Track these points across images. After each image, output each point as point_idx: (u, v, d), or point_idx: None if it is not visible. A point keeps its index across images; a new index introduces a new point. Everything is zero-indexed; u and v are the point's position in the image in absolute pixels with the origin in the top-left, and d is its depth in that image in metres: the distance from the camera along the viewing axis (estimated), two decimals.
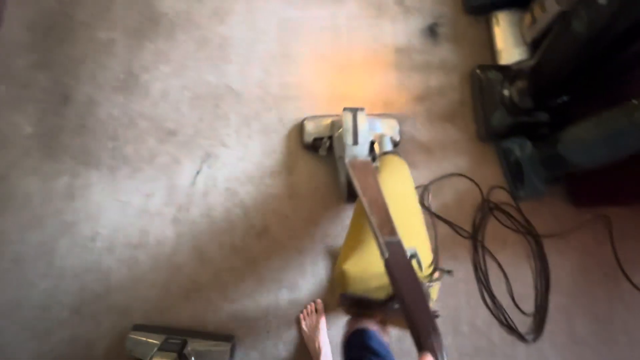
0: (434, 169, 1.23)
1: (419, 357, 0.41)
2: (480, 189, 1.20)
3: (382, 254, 0.54)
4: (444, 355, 0.42)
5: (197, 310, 1.14)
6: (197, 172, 1.24)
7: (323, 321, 1.09)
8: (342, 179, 1.09)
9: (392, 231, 0.57)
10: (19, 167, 1.24)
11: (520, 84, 1.14)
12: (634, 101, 0.79)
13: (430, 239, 0.78)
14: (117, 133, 1.28)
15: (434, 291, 0.62)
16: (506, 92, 1.17)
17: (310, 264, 1.17)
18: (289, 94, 1.30)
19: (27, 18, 1.38)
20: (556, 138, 1.01)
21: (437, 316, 0.51)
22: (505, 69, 1.22)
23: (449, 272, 0.54)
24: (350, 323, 0.72)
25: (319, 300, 1.13)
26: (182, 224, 1.20)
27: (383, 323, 0.70)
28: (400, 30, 1.36)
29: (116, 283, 1.16)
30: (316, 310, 1.11)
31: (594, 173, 1.01)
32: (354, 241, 0.69)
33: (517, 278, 1.14)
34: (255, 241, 1.18)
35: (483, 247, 1.16)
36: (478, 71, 1.25)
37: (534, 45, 1.23)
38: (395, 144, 1.21)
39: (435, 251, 0.64)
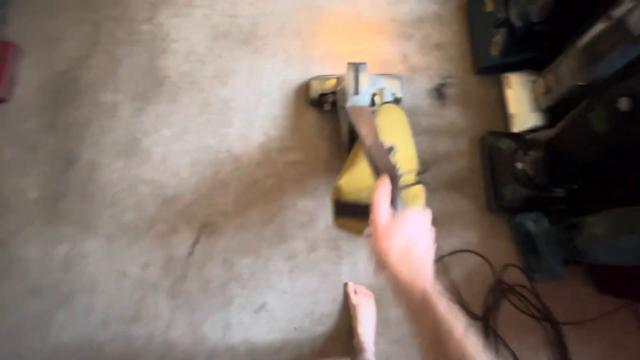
0: (441, 243, 1.15)
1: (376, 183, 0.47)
2: (492, 268, 1.12)
3: (364, 148, 0.60)
4: (397, 178, 0.48)
5: None
6: (195, 242, 1.21)
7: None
8: (344, 130, 1.14)
9: (376, 136, 0.64)
10: (20, 234, 1.25)
11: (535, 155, 1.06)
12: None
13: None
14: (116, 199, 1.27)
15: (419, 195, 0.81)
16: (519, 165, 1.10)
17: (308, 342, 1.11)
18: (290, 159, 1.26)
19: (37, 81, 1.41)
20: (574, 226, 0.92)
21: (426, 170, 0.65)
22: (518, 137, 1.15)
23: (424, 171, 0.63)
24: None
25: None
26: (177, 298, 1.17)
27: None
28: (406, 91, 1.30)
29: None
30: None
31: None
32: (350, 162, 0.83)
33: None
34: (253, 320, 1.13)
35: (495, 333, 1.07)
36: (489, 138, 1.18)
37: (549, 112, 1.16)
38: (397, 100, 1.24)
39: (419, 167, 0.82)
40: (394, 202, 0.46)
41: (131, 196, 1.27)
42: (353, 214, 0.72)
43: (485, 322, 1.08)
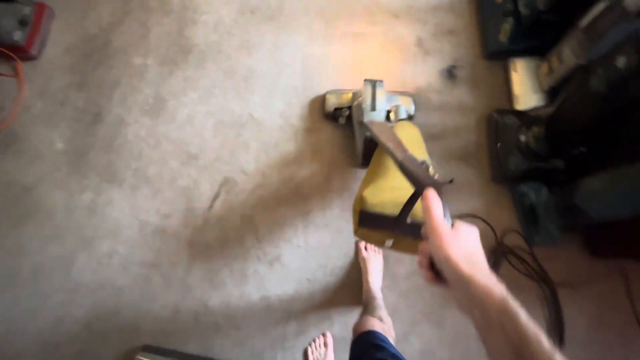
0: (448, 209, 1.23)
1: (423, 196, 0.45)
2: (494, 232, 1.20)
3: (395, 161, 0.59)
4: (442, 191, 0.46)
5: (205, 334, 1.14)
6: (215, 197, 1.28)
7: (331, 355, 1.08)
8: (359, 144, 1.16)
9: (405, 150, 0.64)
10: (47, 181, 1.30)
11: (537, 130, 1.16)
12: None
13: None
14: (142, 154, 1.33)
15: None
16: (522, 138, 1.19)
17: (320, 292, 1.17)
18: (309, 126, 1.34)
19: (69, 42, 1.48)
20: (573, 188, 1.01)
21: (451, 181, 0.56)
22: (522, 115, 1.25)
23: (450, 181, 0.56)
24: (357, 326, 0.80)
25: (327, 333, 1.12)
26: (196, 247, 1.22)
27: (396, 247, 0.77)
28: (420, 71, 1.40)
29: (128, 302, 1.18)
30: (324, 344, 1.10)
31: (611, 224, 1.00)
32: (373, 174, 0.82)
33: None
34: (267, 270, 1.19)
35: None
36: (495, 114, 1.27)
37: (551, 93, 1.26)
38: (410, 117, 1.29)
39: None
40: (444, 213, 0.44)
41: (156, 151, 1.33)
42: (376, 225, 0.70)
43: None
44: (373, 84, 1.11)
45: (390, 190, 0.75)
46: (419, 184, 0.50)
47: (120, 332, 1.15)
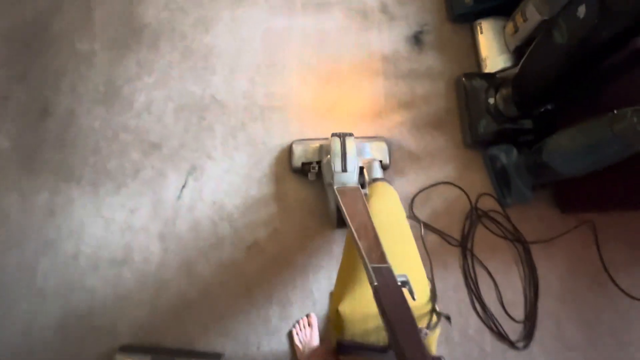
0: (422, 177, 1.23)
1: None
2: (468, 197, 1.21)
3: (370, 281, 0.51)
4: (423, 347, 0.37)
5: (185, 328, 1.11)
6: (183, 186, 1.22)
7: (316, 335, 1.08)
8: (332, 205, 1.05)
9: (381, 257, 0.54)
10: None
11: (505, 91, 1.15)
12: (615, 112, 0.80)
13: (420, 248, 0.77)
14: (99, 147, 1.25)
15: (433, 340, 0.58)
16: (491, 100, 1.18)
17: (301, 277, 1.15)
18: (275, 104, 1.29)
19: (4, 31, 1.34)
20: (540, 146, 1.02)
21: (448, 318, 0.49)
22: (490, 77, 1.23)
23: (447, 317, 0.50)
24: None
25: (311, 314, 1.11)
26: (168, 240, 1.17)
27: None
28: (386, 38, 1.36)
29: (101, 302, 1.13)
30: (309, 324, 1.09)
31: (579, 179, 1.01)
32: (348, 277, 0.66)
33: (506, 285, 1.14)
34: (245, 255, 1.16)
35: (472, 255, 1.16)
36: (463, 79, 1.25)
37: (517, 53, 1.25)
38: (385, 168, 1.18)
39: (433, 291, 0.60)
40: None
41: (114, 143, 1.25)
42: (360, 354, 0.57)
43: (464, 246, 1.17)
44: (342, 138, 0.99)
45: (372, 304, 0.54)
46: (388, 324, 0.39)
47: (96, 334, 1.10)
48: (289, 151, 1.21)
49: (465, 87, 1.25)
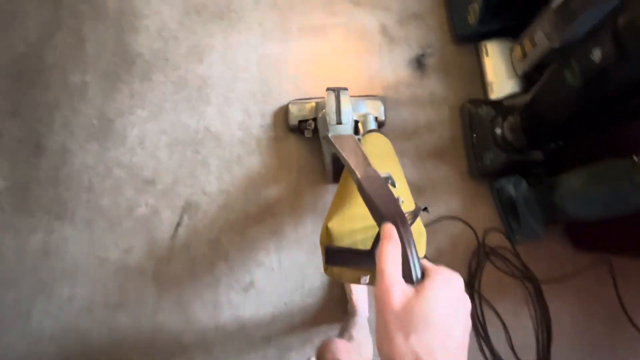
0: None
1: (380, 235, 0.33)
2: (475, 232, 1.15)
3: (354, 178, 0.52)
4: (408, 224, 0.35)
5: None
6: (178, 224, 1.18)
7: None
8: (327, 159, 1.08)
9: (367, 164, 0.57)
10: None
11: (513, 120, 1.08)
12: (635, 158, 0.73)
13: None
14: (92, 184, 1.22)
15: (421, 238, 0.61)
16: (498, 130, 1.11)
17: (298, 315, 1.11)
18: (273, 135, 1.24)
19: None
20: (552, 185, 0.95)
21: (425, 209, 0.50)
22: (496, 104, 1.17)
23: (424, 208, 0.51)
24: (320, 350, 0.71)
25: (312, 359, 1.07)
26: (163, 280, 1.14)
27: (372, 282, 0.66)
28: (386, 63, 1.30)
29: (96, 346, 1.10)
30: None
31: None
32: (340, 200, 0.70)
33: (516, 327, 1.08)
34: (241, 296, 1.13)
35: (480, 295, 1.10)
36: (468, 106, 1.19)
37: (526, 78, 1.18)
38: (380, 124, 1.19)
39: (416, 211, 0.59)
40: (406, 264, 0.31)
41: (108, 180, 1.22)
42: (347, 262, 0.60)
43: (471, 285, 1.11)
44: (336, 93, 1.00)
45: (359, 218, 0.62)
46: (378, 214, 0.39)
47: None
48: (285, 111, 1.22)
49: (470, 115, 1.18)
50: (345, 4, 1.34)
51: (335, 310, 1.11)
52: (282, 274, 1.14)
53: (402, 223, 0.34)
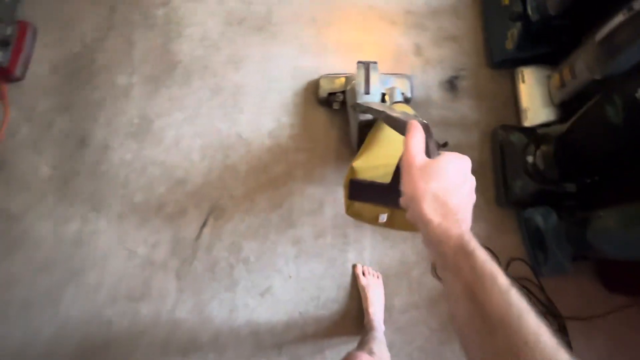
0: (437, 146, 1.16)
1: (406, 129, 0.41)
2: (498, 260, 1.11)
3: (383, 116, 0.60)
4: (430, 129, 0.42)
5: None
6: (203, 225, 1.23)
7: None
8: (353, 129, 1.12)
9: (394, 110, 0.63)
10: (34, 210, 1.27)
11: (546, 149, 1.06)
12: None
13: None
14: (128, 180, 1.29)
15: None
16: (530, 159, 1.09)
17: (312, 326, 1.12)
18: (300, 146, 1.27)
19: (53, 62, 1.43)
20: (585, 221, 0.92)
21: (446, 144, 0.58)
22: (529, 132, 1.15)
23: (444, 144, 0.59)
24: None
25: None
26: (185, 279, 1.18)
27: (391, 223, 0.73)
28: (419, 83, 1.30)
29: (116, 336, 1.15)
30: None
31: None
32: (364, 148, 0.80)
33: None
34: (258, 303, 1.15)
35: None
36: (500, 131, 1.17)
37: (562, 107, 1.15)
38: (407, 101, 1.23)
39: None
40: (427, 148, 0.40)
41: (142, 177, 1.29)
42: (368, 196, 0.63)
43: None
44: (366, 66, 1.06)
45: (382, 158, 0.72)
46: (404, 123, 0.46)
47: None
48: (316, 85, 1.29)
49: (501, 141, 1.17)
50: (382, 22, 1.37)
51: (349, 325, 1.11)
52: (299, 284, 1.15)
53: (425, 126, 0.42)
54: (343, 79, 1.24)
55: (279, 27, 1.41)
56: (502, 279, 0.31)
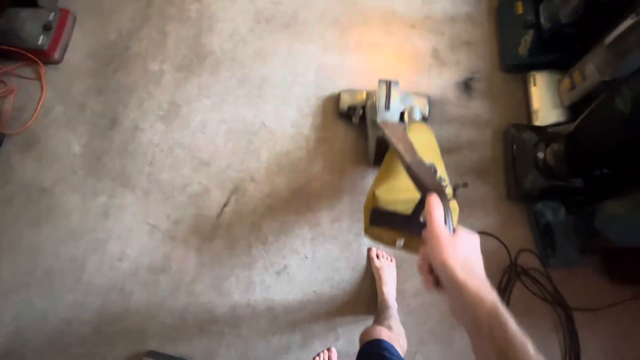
0: (461, 225, 1.20)
1: (426, 201, 0.46)
2: (508, 251, 1.16)
3: (403, 163, 0.62)
4: (446, 197, 0.46)
5: (209, 342, 1.14)
6: (225, 204, 1.28)
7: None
8: (372, 143, 1.17)
9: (414, 153, 0.66)
10: (64, 183, 1.33)
11: (557, 147, 1.12)
12: None
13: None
14: (155, 159, 1.35)
15: (455, 213, 0.69)
16: (540, 155, 1.15)
17: (326, 305, 1.16)
18: (321, 136, 1.34)
19: (90, 47, 1.52)
20: (593, 210, 0.97)
21: (466, 185, 0.58)
22: (540, 130, 1.21)
23: (464, 185, 0.59)
24: (363, 335, 0.79)
25: (332, 348, 1.10)
26: (204, 254, 1.23)
27: (407, 247, 0.75)
28: (435, 83, 1.38)
29: (136, 306, 1.19)
30: (329, 359, 1.08)
31: (634, 249, 0.95)
32: (385, 174, 0.83)
33: (543, 354, 1.07)
34: (274, 280, 1.19)
35: None
36: (512, 129, 1.24)
37: (572, 109, 1.22)
38: (425, 119, 1.28)
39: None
40: (445, 219, 0.45)
41: (169, 157, 1.35)
42: (388, 224, 0.68)
43: None
44: (388, 83, 1.12)
45: (403, 191, 0.75)
46: (424, 189, 0.52)
47: (127, 336, 1.16)
48: (337, 98, 1.35)
49: (513, 138, 1.23)
50: (402, 26, 1.46)
51: (361, 305, 1.15)
52: (314, 264, 1.20)
53: (442, 195, 0.47)
54: (364, 94, 1.29)
55: (305, 26, 1.50)
56: (532, 349, 0.35)
